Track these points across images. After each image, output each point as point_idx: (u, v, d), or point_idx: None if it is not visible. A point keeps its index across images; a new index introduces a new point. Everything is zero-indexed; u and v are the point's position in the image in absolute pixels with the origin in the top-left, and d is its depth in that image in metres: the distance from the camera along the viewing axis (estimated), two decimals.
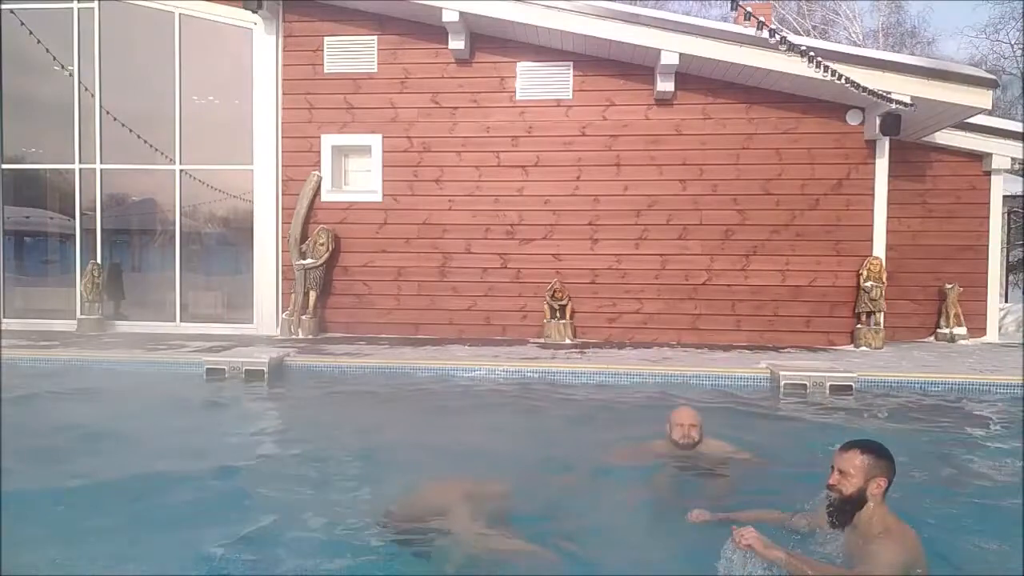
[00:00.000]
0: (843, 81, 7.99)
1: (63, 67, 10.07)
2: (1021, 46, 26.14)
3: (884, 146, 8.93)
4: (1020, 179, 14.39)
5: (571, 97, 9.37)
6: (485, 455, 4.28)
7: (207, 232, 10.58)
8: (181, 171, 9.99)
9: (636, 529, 3.22)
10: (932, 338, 9.78)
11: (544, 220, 9.43)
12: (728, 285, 9.24)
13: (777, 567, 2.29)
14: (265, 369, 6.80)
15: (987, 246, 9.87)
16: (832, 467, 2.51)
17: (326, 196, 9.65)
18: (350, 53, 9.57)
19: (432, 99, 9.52)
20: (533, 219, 9.44)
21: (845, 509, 2.42)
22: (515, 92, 9.42)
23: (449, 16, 8.79)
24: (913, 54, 21.86)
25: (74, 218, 10.20)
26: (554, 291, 9.13)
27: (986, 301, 9.89)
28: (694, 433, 4.05)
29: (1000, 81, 23.67)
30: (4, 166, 10.31)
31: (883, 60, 8.43)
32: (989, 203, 9.87)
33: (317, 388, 6.73)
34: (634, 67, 9.23)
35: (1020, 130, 9.69)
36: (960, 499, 3.71)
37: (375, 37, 9.55)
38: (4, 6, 9.96)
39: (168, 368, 7.22)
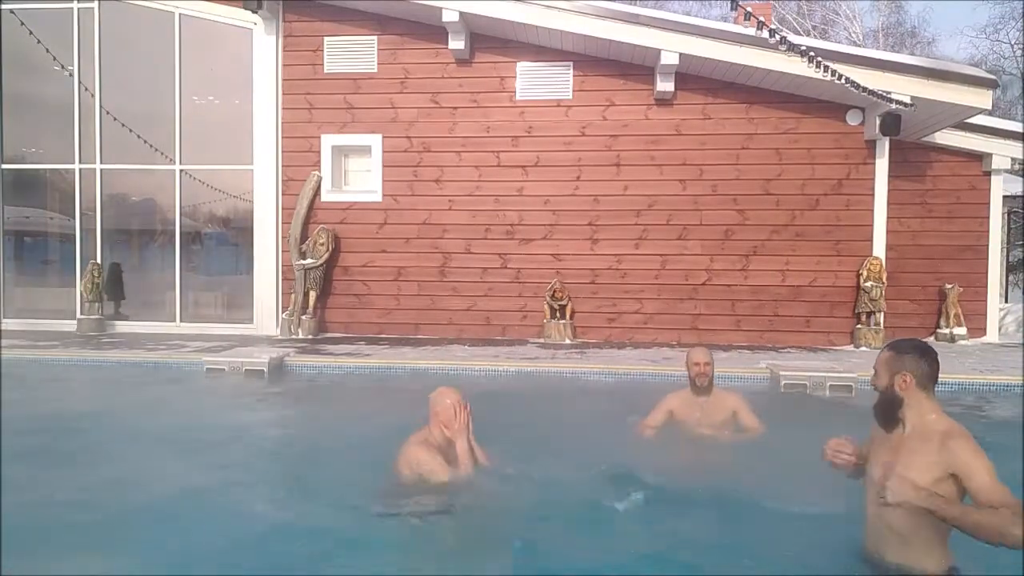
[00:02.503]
0: (843, 81, 8.00)
1: (63, 67, 10.07)
2: (1021, 46, 26.15)
3: (884, 146, 8.94)
4: (1020, 179, 14.39)
5: (571, 97, 9.37)
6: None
7: (207, 232, 10.59)
8: (181, 171, 10.00)
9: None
10: (932, 338, 9.76)
11: (544, 220, 9.43)
12: (728, 285, 9.24)
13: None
14: (265, 369, 6.80)
15: (987, 246, 9.86)
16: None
17: (326, 196, 9.65)
18: (350, 53, 9.58)
19: (432, 99, 9.52)
20: (533, 219, 9.44)
21: (881, 407, 2.50)
22: (515, 92, 9.42)
23: (449, 16, 8.79)
24: (913, 54, 21.85)
25: (74, 218, 10.20)
26: (554, 291, 9.13)
27: (986, 301, 9.89)
28: (707, 370, 4.46)
29: (1000, 81, 23.68)
30: (4, 166, 10.31)
31: (883, 60, 8.43)
32: (989, 203, 9.86)
33: (316, 388, 6.73)
34: (634, 67, 9.23)
35: (1020, 130, 9.69)
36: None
37: (375, 37, 9.55)
38: (4, 6, 9.96)
39: (168, 368, 7.22)
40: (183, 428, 5.11)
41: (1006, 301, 14.56)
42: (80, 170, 10.12)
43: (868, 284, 8.77)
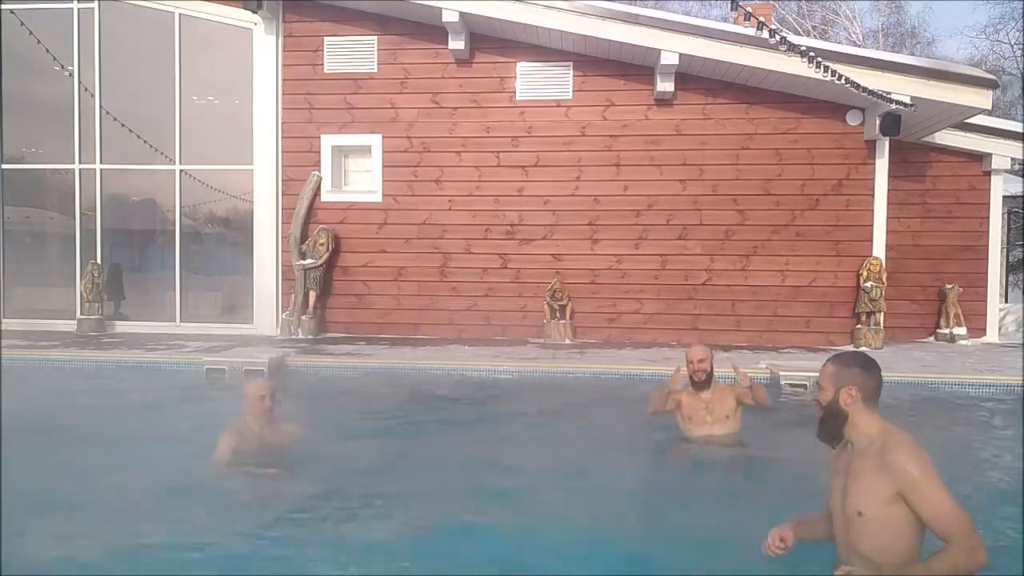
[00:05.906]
0: (843, 81, 7.99)
1: (63, 67, 10.07)
2: (1021, 46, 26.12)
3: (884, 146, 8.93)
4: (1020, 179, 14.39)
5: (571, 97, 9.37)
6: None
7: (207, 232, 10.58)
8: (181, 171, 10.00)
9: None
10: (932, 338, 9.78)
11: (544, 220, 9.43)
12: (728, 285, 9.24)
13: None
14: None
15: (987, 246, 9.86)
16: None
17: (326, 196, 9.65)
18: (350, 53, 9.57)
19: (432, 99, 9.52)
20: (533, 219, 9.44)
21: (826, 422, 2.40)
22: (515, 92, 9.42)
23: (449, 16, 8.78)
24: (913, 54, 21.88)
25: (74, 218, 10.20)
26: (554, 291, 9.13)
27: (986, 301, 9.88)
28: (704, 366, 4.52)
29: (1000, 81, 23.64)
30: (4, 166, 10.31)
31: (883, 60, 8.43)
32: (989, 203, 9.86)
33: (317, 388, 6.72)
34: (634, 67, 9.23)
35: (1020, 130, 9.68)
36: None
37: (375, 37, 9.55)
38: (4, 6, 9.96)
39: (168, 368, 7.21)
40: (179, 429, 5.11)
41: (1006, 301, 14.56)
42: (80, 170, 10.11)
43: (868, 284, 8.77)
